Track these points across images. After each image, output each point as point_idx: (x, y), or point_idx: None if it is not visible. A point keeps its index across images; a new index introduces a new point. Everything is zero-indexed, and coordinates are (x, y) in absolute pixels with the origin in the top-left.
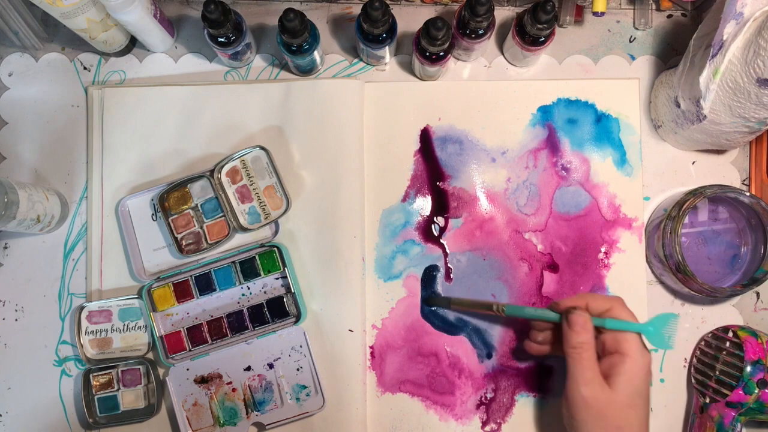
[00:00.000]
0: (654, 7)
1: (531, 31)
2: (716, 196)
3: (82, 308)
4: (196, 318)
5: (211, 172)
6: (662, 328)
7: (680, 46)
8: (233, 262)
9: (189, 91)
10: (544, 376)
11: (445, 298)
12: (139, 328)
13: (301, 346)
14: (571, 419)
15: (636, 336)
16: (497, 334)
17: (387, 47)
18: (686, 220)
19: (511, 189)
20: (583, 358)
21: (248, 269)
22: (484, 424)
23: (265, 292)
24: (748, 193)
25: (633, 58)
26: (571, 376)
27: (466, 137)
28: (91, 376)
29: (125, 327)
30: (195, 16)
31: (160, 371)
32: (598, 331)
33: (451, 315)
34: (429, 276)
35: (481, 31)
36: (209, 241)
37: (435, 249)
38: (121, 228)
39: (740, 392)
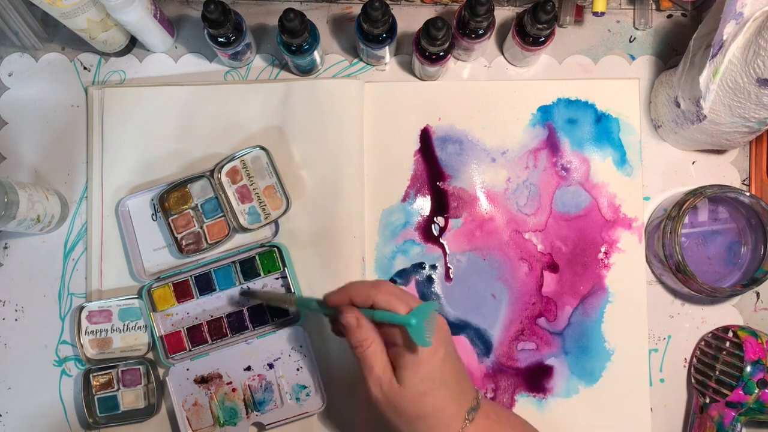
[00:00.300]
0: (654, 7)
1: (531, 31)
2: (716, 196)
3: (82, 308)
4: (196, 318)
5: (211, 172)
6: (423, 320)
7: (680, 46)
8: (233, 262)
9: (189, 91)
10: (544, 376)
11: (250, 292)
12: (139, 328)
13: (301, 346)
14: (379, 421)
15: None
16: (497, 334)
17: (387, 47)
18: (686, 220)
19: (511, 189)
20: (366, 356)
21: (248, 269)
22: None
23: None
24: (748, 193)
25: (633, 58)
26: (361, 376)
27: (466, 137)
28: (91, 376)
29: (125, 327)
30: (195, 16)
31: (160, 371)
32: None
33: (450, 315)
34: (419, 273)
35: (481, 31)
36: (209, 241)
37: (435, 249)
38: (121, 228)
39: (740, 392)
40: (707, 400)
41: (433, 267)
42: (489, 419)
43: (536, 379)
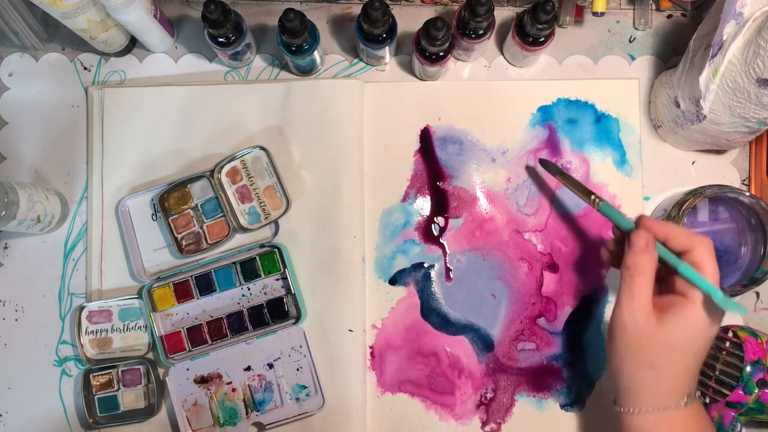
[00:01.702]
0: (654, 7)
1: (531, 31)
2: (716, 196)
3: (82, 308)
4: (196, 318)
5: (211, 172)
6: (730, 302)
7: (680, 46)
8: (234, 263)
9: (189, 91)
10: (544, 376)
11: (555, 166)
12: (139, 328)
13: (301, 346)
14: (609, 342)
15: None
16: (497, 333)
17: (387, 47)
18: (686, 220)
19: (511, 189)
20: (634, 282)
21: (248, 270)
22: (484, 424)
23: (265, 293)
24: (748, 193)
25: (633, 58)
26: (618, 298)
27: (466, 137)
28: (91, 376)
29: (125, 327)
30: (195, 16)
31: (161, 371)
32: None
33: (450, 315)
34: (425, 274)
35: (481, 31)
36: (209, 241)
37: (435, 249)
38: (121, 228)
39: (740, 392)
40: (707, 400)
41: (433, 267)
42: (700, 417)
43: (536, 379)
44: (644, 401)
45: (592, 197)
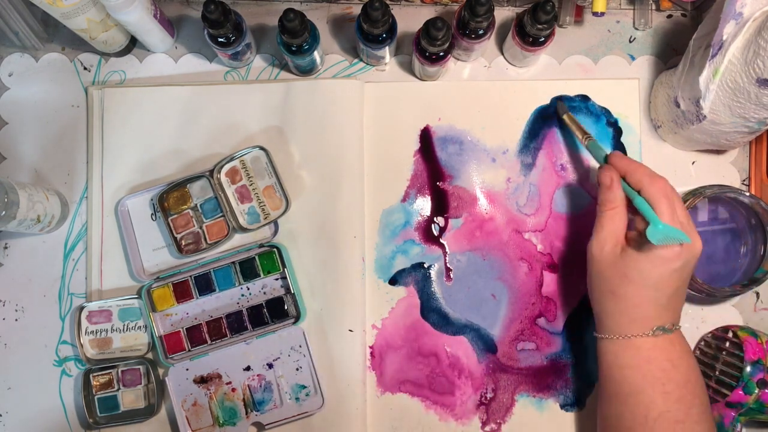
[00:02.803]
0: (654, 7)
1: (531, 32)
2: (716, 196)
3: (82, 308)
4: (196, 318)
5: (211, 172)
6: (671, 235)
7: (680, 46)
8: (233, 262)
9: (189, 91)
10: (544, 376)
11: (563, 107)
12: (139, 328)
13: (300, 346)
14: (587, 273)
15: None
16: (497, 333)
17: (387, 47)
18: None
19: (511, 189)
20: (603, 216)
21: (248, 270)
22: (484, 424)
23: (264, 293)
24: (748, 193)
25: (633, 58)
26: (593, 229)
27: (466, 137)
28: (91, 376)
29: (125, 327)
30: (195, 16)
31: (161, 371)
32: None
33: (450, 315)
34: (425, 274)
35: (481, 32)
36: (208, 241)
37: (435, 249)
38: (121, 228)
39: (740, 392)
40: None
41: (433, 267)
42: (671, 348)
43: (536, 379)
44: (611, 327)
45: (583, 137)
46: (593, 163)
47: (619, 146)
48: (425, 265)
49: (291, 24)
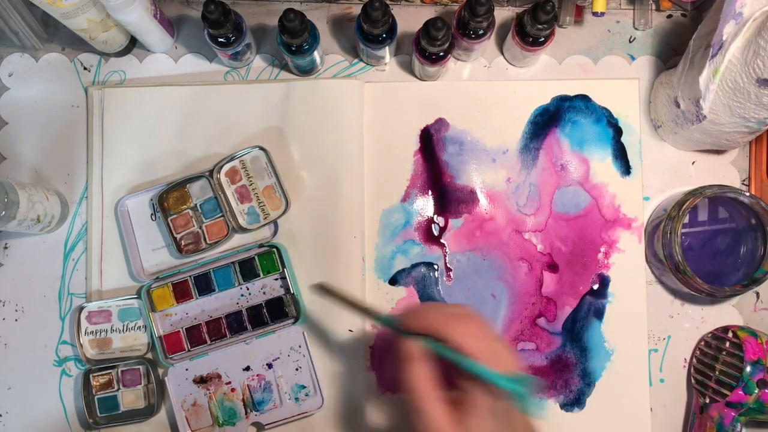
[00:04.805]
0: (654, 7)
1: (531, 32)
2: (716, 196)
3: (81, 308)
4: (195, 318)
5: (211, 172)
6: (522, 385)
7: (680, 46)
8: (233, 263)
9: (189, 91)
10: (545, 376)
11: (326, 288)
12: (139, 328)
13: (300, 346)
14: None
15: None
16: (497, 333)
17: (387, 47)
18: (686, 220)
19: (511, 189)
20: (416, 398)
21: (247, 270)
22: None
23: (264, 293)
24: (747, 193)
25: (633, 58)
26: (414, 421)
27: (466, 137)
28: (91, 376)
29: (125, 327)
30: (195, 16)
31: (160, 371)
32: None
33: None
34: (425, 275)
35: (481, 32)
36: (208, 241)
37: (435, 249)
38: (120, 228)
39: (740, 392)
40: (707, 401)
41: (433, 267)
42: None
43: (536, 379)
44: None
45: (367, 307)
46: (593, 163)
47: (619, 146)
48: (425, 265)
49: (291, 24)
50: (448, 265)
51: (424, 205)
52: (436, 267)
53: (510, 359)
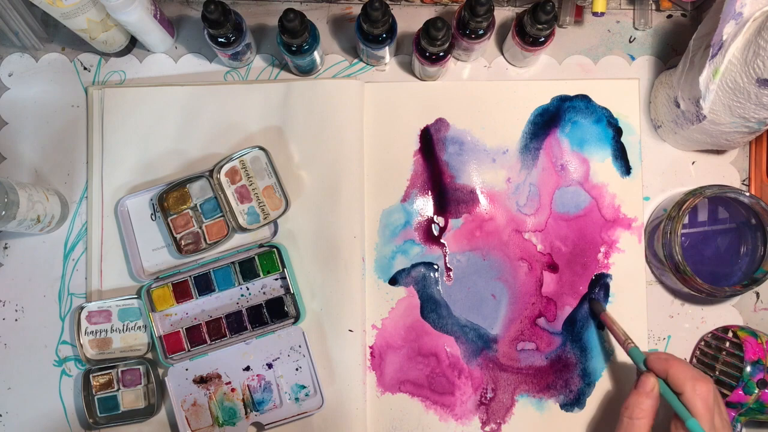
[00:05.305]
0: (654, 7)
1: (531, 32)
2: (716, 196)
3: (81, 308)
4: (195, 318)
5: (211, 172)
6: None
7: (680, 46)
8: (232, 263)
9: (189, 91)
10: (544, 376)
11: (599, 306)
12: (139, 328)
13: (300, 346)
14: None
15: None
16: (497, 333)
17: (387, 47)
18: (686, 220)
19: (511, 189)
20: (632, 425)
21: (247, 270)
22: (484, 424)
23: (264, 293)
24: (747, 193)
25: (633, 58)
26: None
27: (466, 137)
28: (91, 376)
29: (125, 327)
30: (195, 16)
31: (160, 371)
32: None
33: (450, 315)
34: (425, 275)
35: (481, 32)
36: (208, 241)
37: (435, 249)
38: (120, 228)
39: (740, 392)
40: None
41: (433, 267)
42: None
43: (536, 379)
44: None
45: (625, 341)
46: (593, 163)
47: (619, 146)
48: (425, 266)
49: (291, 24)
50: (448, 265)
51: (424, 205)
52: (436, 267)
53: None
